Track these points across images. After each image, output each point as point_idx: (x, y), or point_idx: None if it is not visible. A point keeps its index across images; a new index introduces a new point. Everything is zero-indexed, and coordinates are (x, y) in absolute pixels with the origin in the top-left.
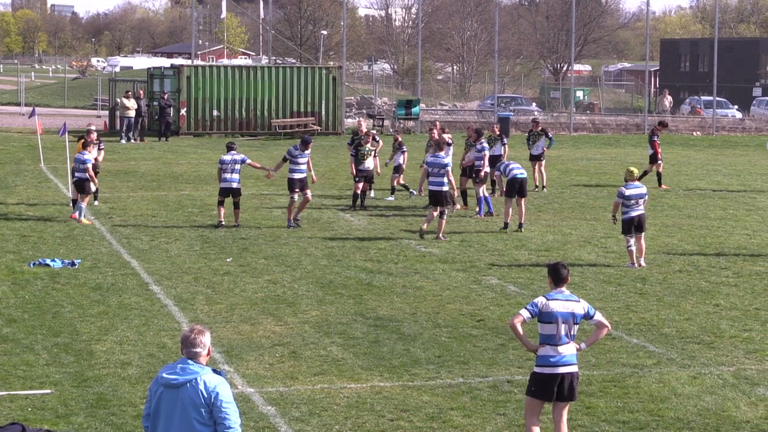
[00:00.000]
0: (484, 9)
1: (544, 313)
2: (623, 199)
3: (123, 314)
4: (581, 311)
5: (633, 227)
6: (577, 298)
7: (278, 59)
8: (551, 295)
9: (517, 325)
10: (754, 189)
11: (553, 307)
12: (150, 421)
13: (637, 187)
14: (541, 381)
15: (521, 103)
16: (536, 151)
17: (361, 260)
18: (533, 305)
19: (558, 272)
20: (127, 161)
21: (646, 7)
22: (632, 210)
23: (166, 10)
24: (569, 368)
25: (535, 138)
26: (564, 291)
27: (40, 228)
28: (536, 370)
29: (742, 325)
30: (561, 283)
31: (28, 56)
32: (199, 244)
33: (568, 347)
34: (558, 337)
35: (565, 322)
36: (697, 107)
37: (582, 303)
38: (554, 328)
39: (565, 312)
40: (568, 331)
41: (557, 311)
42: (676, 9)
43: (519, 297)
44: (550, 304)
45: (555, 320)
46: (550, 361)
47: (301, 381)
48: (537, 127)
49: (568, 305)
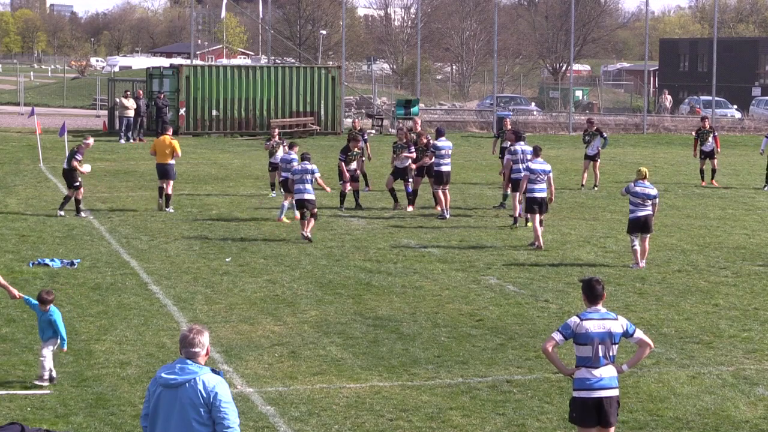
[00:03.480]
0: (483, 9)
1: (578, 334)
2: (630, 195)
3: (122, 314)
4: (619, 329)
5: (639, 227)
6: (614, 315)
7: (277, 59)
8: (585, 314)
9: (549, 350)
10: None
11: (587, 327)
12: (148, 421)
13: (646, 186)
14: (580, 406)
15: (520, 102)
16: (592, 151)
17: (360, 260)
18: (566, 327)
19: (592, 289)
20: (126, 161)
21: (645, 6)
22: (639, 210)
23: (165, 10)
24: (608, 392)
25: (591, 138)
26: (600, 309)
27: (39, 228)
28: (574, 395)
29: (741, 325)
30: (596, 301)
31: (27, 56)
32: (198, 244)
33: (606, 369)
34: (595, 359)
35: (602, 342)
36: (696, 107)
37: (620, 320)
38: (590, 350)
39: (602, 332)
40: (606, 352)
41: (592, 331)
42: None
43: (518, 297)
44: (584, 324)
45: (591, 341)
46: (587, 384)
47: (300, 381)
48: (592, 127)
49: (605, 324)
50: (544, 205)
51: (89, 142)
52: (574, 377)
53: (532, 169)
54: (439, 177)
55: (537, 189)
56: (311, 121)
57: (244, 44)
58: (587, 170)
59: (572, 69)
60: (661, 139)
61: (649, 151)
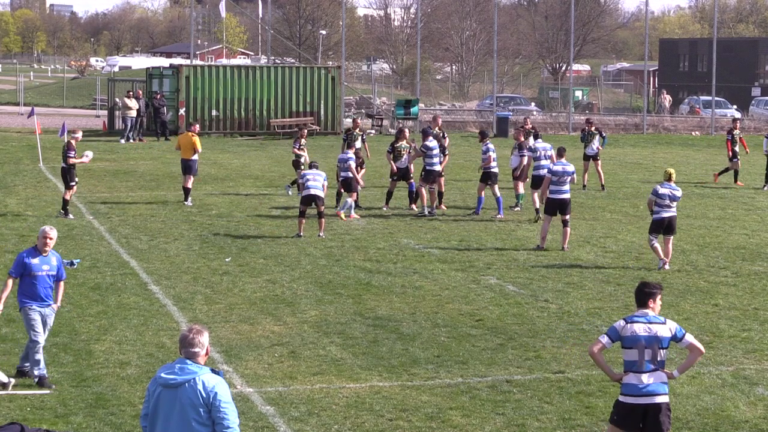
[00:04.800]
0: (483, 9)
1: (625, 337)
2: (656, 197)
3: (122, 314)
4: (667, 333)
5: (662, 229)
6: (662, 319)
7: (277, 59)
8: (632, 317)
9: (596, 352)
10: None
11: (634, 329)
12: (148, 421)
13: (671, 187)
14: (623, 410)
15: (520, 102)
16: (591, 152)
17: (360, 260)
18: (612, 329)
19: (640, 292)
20: (126, 161)
21: (645, 6)
22: (664, 210)
23: (165, 10)
24: (655, 398)
25: (589, 138)
26: (648, 313)
27: (38, 228)
28: (620, 399)
29: (741, 325)
30: (645, 304)
31: (27, 56)
32: (198, 244)
33: (654, 375)
34: (641, 363)
35: (649, 346)
36: (695, 107)
37: (669, 324)
38: (636, 354)
39: (649, 335)
40: (654, 357)
41: (639, 334)
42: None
43: (518, 297)
44: (631, 327)
45: (637, 344)
46: (632, 390)
47: (300, 381)
48: (591, 127)
49: (652, 327)
50: (567, 207)
51: (77, 136)
52: (622, 382)
53: (555, 171)
54: (429, 175)
55: (560, 191)
56: (311, 121)
57: (244, 44)
58: (587, 171)
59: (572, 69)
60: (660, 139)
61: (649, 151)
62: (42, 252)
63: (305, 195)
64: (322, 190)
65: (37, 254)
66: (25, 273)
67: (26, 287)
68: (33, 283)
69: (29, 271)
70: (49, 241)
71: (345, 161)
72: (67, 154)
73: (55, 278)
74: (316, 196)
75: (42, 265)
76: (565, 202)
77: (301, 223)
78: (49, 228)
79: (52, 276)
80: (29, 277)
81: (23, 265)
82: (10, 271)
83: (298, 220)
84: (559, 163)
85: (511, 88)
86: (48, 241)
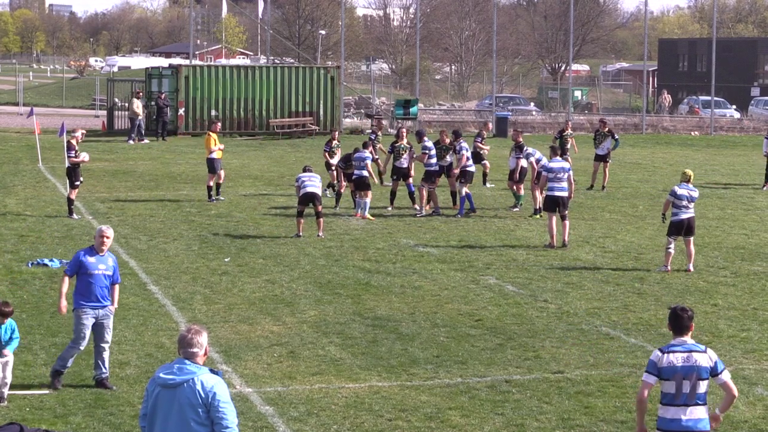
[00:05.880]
0: (482, 9)
1: (662, 368)
2: (674, 198)
3: (121, 314)
4: (707, 363)
5: (682, 231)
6: (703, 347)
7: (276, 59)
8: (669, 347)
9: (645, 399)
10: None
11: (671, 360)
12: (147, 421)
13: (689, 188)
14: None
15: (519, 102)
16: (602, 152)
17: (359, 260)
18: (650, 364)
19: (678, 318)
20: (125, 161)
21: (644, 6)
22: (682, 212)
23: (165, 10)
24: None
25: (601, 138)
26: (687, 340)
27: (38, 228)
28: None
29: (740, 325)
30: (682, 332)
31: (27, 56)
32: (198, 244)
33: (692, 410)
34: (678, 395)
35: (687, 377)
36: (695, 107)
37: (709, 353)
38: (672, 386)
39: (686, 365)
40: (692, 389)
41: (677, 365)
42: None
43: (517, 297)
44: (667, 357)
45: (674, 375)
46: (669, 426)
47: (299, 381)
48: (604, 128)
49: (691, 357)
50: (564, 204)
51: (77, 135)
52: (658, 414)
53: (551, 168)
54: (429, 175)
55: (557, 188)
56: (310, 121)
57: (243, 44)
58: (597, 171)
59: (571, 69)
60: (660, 139)
61: (648, 151)
62: (99, 251)
63: (303, 194)
64: (319, 189)
65: (94, 253)
66: (81, 272)
67: (82, 286)
68: (89, 282)
69: (85, 269)
70: (105, 240)
71: (362, 160)
72: (67, 154)
73: (111, 279)
74: (314, 194)
75: (98, 264)
76: (563, 198)
77: (300, 223)
78: (106, 227)
79: (109, 276)
80: (86, 276)
81: (79, 263)
82: (66, 270)
83: (297, 220)
84: (554, 160)
85: (511, 88)
86: (105, 240)
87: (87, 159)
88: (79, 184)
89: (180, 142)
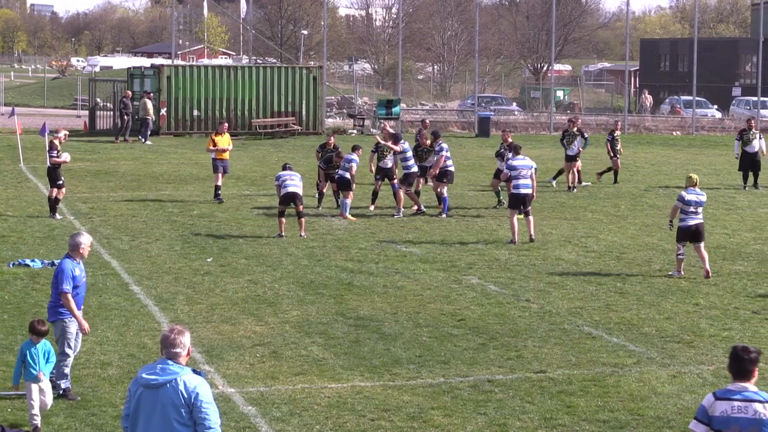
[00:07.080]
0: (464, 9)
1: (714, 417)
2: (683, 204)
3: (103, 314)
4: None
5: (690, 236)
6: (764, 397)
7: (259, 59)
8: (724, 392)
9: None
10: (731, 187)
11: (724, 408)
12: (129, 422)
13: (697, 193)
14: None
15: (502, 102)
16: (572, 152)
17: (341, 260)
18: (701, 411)
19: (738, 361)
20: (107, 161)
21: (626, 7)
22: (690, 218)
23: (146, 10)
24: None
25: (570, 138)
26: (748, 387)
27: (19, 228)
28: None
29: (721, 324)
30: (742, 377)
31: (8, 56)
32: (180, 244)
33: None
34: None
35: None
36: (676, 107)
37: None
38: None
39: (746, 417)
40: None
41: (733, 416)
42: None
43: (499, 296)
44: (721, 405)
45: (730, 429)
46: None
47: (281, 381)
48: (573, 127)
49: (750, 407)
50: (528, 201)
51: (60, 136)
52: None
53: (514, 166)
54: (407, 178)
55: (521, 185)
56: (293, 121)
57: (226, 44)
58: (570, 171)
59: (553, 69)
60: (641, 139)
61: (630, 151)
62: (80, 259)
63: (284, 194)
64: (300, 188)
65: (75, 262)
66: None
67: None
68: (76, 293)
69: (76, 281)
70: (88, 249)
71: (348, 161)
72: (49, 154)
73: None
74: (295, 194)
75: (82, 274)
76: (527, 196)
77: (282, 223)
78: (86, 236)
79: (85, 283)
80: (74, 287)
81: (74, 278)
82: (64, 288)
83: (278, 220)
84: (516, 158)
85: (493, 88)
86: (88, 249)
87: (68, 159)
88: (62, 183)
89: (162, 142)
